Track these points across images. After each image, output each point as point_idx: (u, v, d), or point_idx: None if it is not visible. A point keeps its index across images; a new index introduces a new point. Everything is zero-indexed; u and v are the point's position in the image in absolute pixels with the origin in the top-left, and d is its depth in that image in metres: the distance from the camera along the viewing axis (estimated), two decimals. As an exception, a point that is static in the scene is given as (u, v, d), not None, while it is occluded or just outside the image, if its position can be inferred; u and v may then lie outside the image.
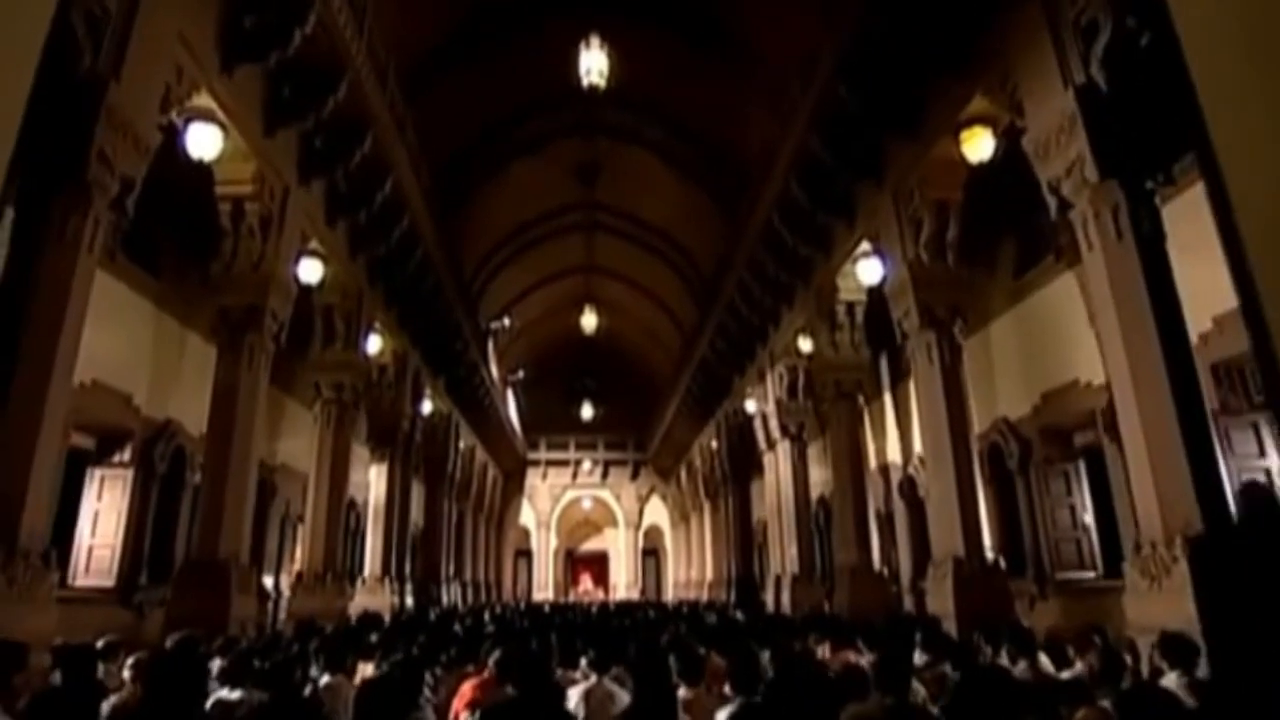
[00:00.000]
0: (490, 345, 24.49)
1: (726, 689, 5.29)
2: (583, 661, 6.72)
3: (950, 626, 8.42)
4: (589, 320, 23.86)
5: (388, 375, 16.24)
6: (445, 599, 20.51)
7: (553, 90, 18.13)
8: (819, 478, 17.42)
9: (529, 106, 18.68)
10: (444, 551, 21.40)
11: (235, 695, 5.11)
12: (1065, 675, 5.60)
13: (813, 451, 17.28)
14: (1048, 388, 11.83)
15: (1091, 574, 11.31)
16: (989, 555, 9.09)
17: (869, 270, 12.05)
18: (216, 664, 6.15)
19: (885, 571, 13.36)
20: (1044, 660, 6.15)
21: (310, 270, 11.75)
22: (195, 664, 5.38)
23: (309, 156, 10.52)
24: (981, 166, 9.14)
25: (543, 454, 37.81)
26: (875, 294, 13.11)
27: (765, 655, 5.88)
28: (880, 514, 17.14)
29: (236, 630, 8.45)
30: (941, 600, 8.95)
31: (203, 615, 8.19)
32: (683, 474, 31.98)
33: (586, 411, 36.14)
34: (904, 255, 10.14)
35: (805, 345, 15.18)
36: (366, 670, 6.61)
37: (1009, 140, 8.80)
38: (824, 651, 6.88)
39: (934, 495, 9.66)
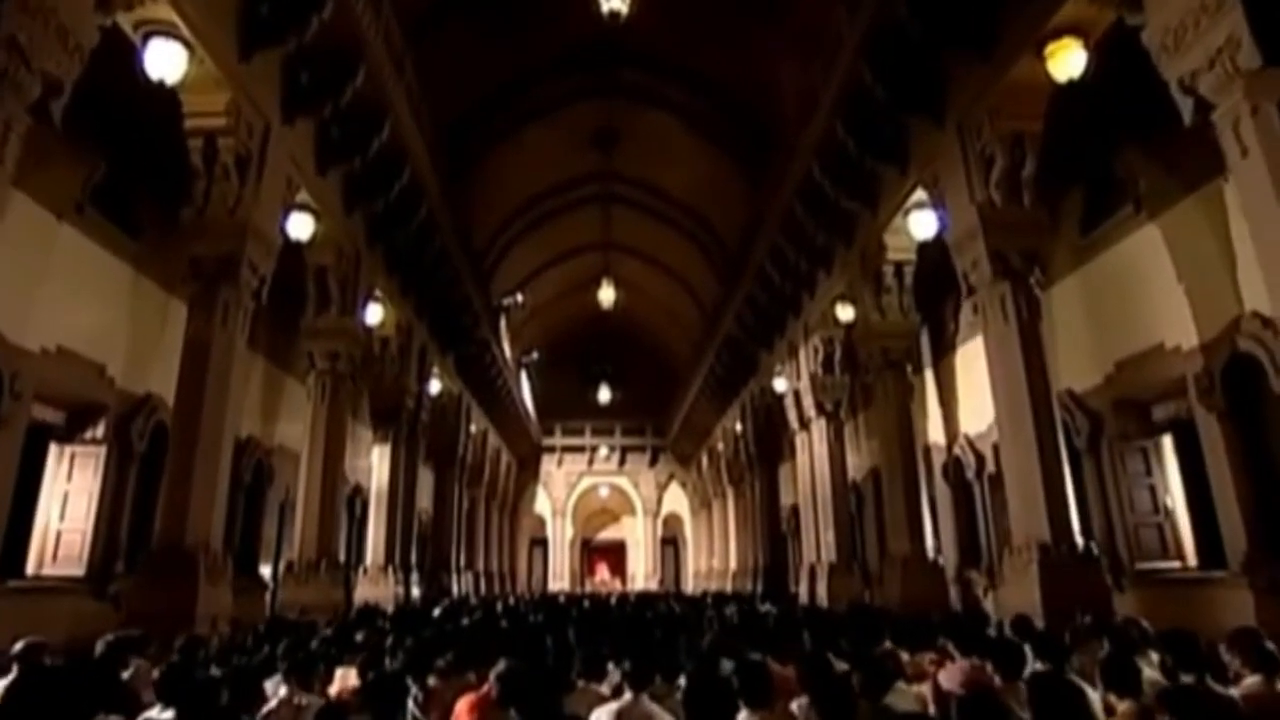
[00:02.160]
0: (503, 323, 23.29)
1: (795, 707, 4.10)
2: (610, 668, 5.55)
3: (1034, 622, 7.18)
4: (606, 294, 22.60)
5: (390, 349, 15.08)
6: (456, 589, 19.40)
7: (568, 47, 16.93)
8: (854, 460, 16.19)
9: (542, 65, 17.39)
10: (454, 540, 20.28)
11: (167, 716, 3.93)
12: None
13: (848, 431, 16.03)
14: (1122, 355, 10.47)
15: (1176, 564, 10.00)
16: (1079, 540, 7.78)
17: (922, 223, 10.79)
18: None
19: (940, 561, 12.10)
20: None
21: (300, 225, 10.59)
22: (107, 676, 4.23)
23: (293, 91, 9.32)
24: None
25: (558, 439, 36.64)
26: (925, 253, 11.90)
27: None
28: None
29: (205, 628, 7.30)
30: (1021, 592, 7.68)
31: (165, 611, 7.07)
32: (704, 460, 30.75)
33: (603, 395, 34.85)
34: (972, 198, 8.85)
35: (844, 314, 13.89)
36: (349, 678, 5.45)
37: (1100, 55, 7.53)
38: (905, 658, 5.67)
39: (1012, 472, 8.37)
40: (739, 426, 23.02)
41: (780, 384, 17.65)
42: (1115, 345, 10.54)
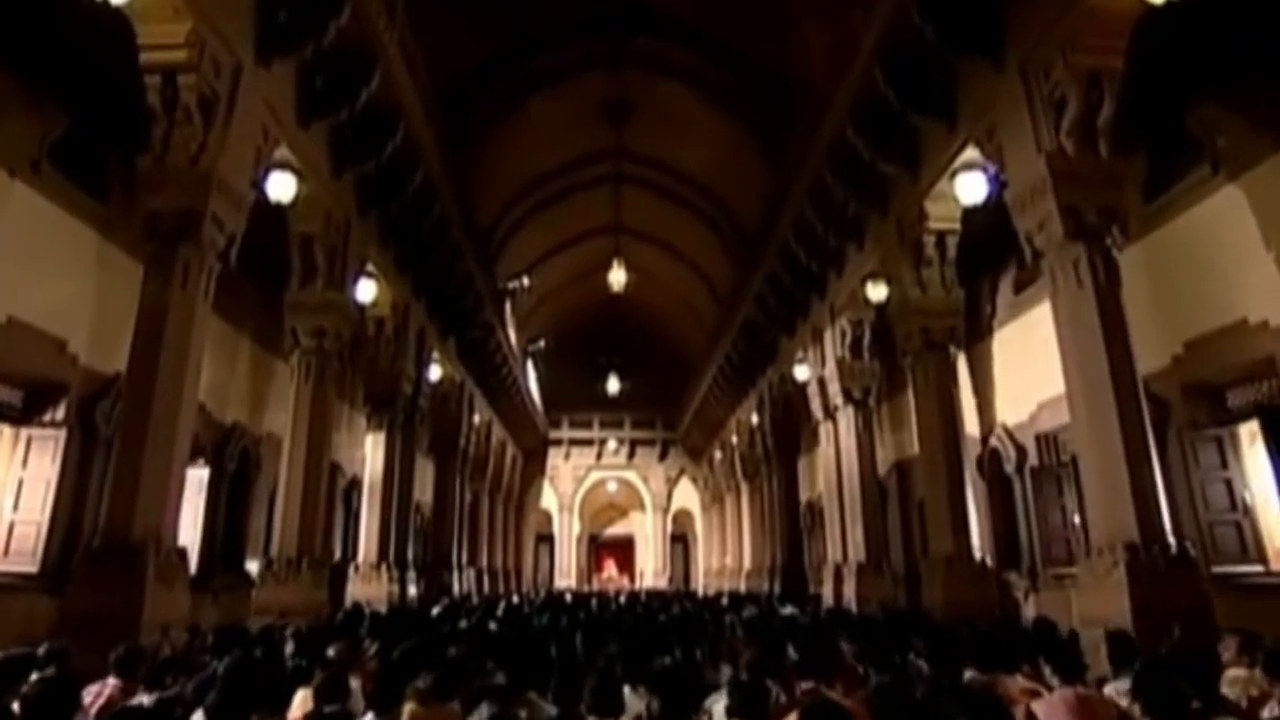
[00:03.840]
0: (508, 307, 22.22)
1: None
2: (627, 695, 4.51)
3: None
4: (617, 276, 21.45)
5: (385, 331, 14.05)
6: (457, 588, 18.38)
7: (576, 9, 15.85)
8: (880, 453, 15.09)
9: (549, 29, 16.29)
10: (456, 536, 19.23)
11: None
12: None
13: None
14: (1193, 335, 9.35)
15: (1259, 567, 8.91)
16: (1171, 541, 6.66)
17: (970, 186, 9.69)
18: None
19: (988, 561, 10.98)
20: None
21: (281, 186, 9.52)
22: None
23: (268, 28, 8.26)
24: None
25: (565, 432, 35.55)
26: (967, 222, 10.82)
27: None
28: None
29: (154, 636, 6.27)
30: (1105, 600, 6.58)
31: (106, 616, 6.05)
32: (716, 453, 29.67)
33: (612, 386, 33.65)
34: (1039, 148, 7.73)
35: (875, 293, 12.77)
36: (309, 703, 4.40)
37: None
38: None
39: (1090, 463, 7.24)
40: (755, 418, 21.92)
41: (802, 371, 16.55)
42: (1185, 323, 9.42)
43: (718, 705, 4.98)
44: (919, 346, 10.92)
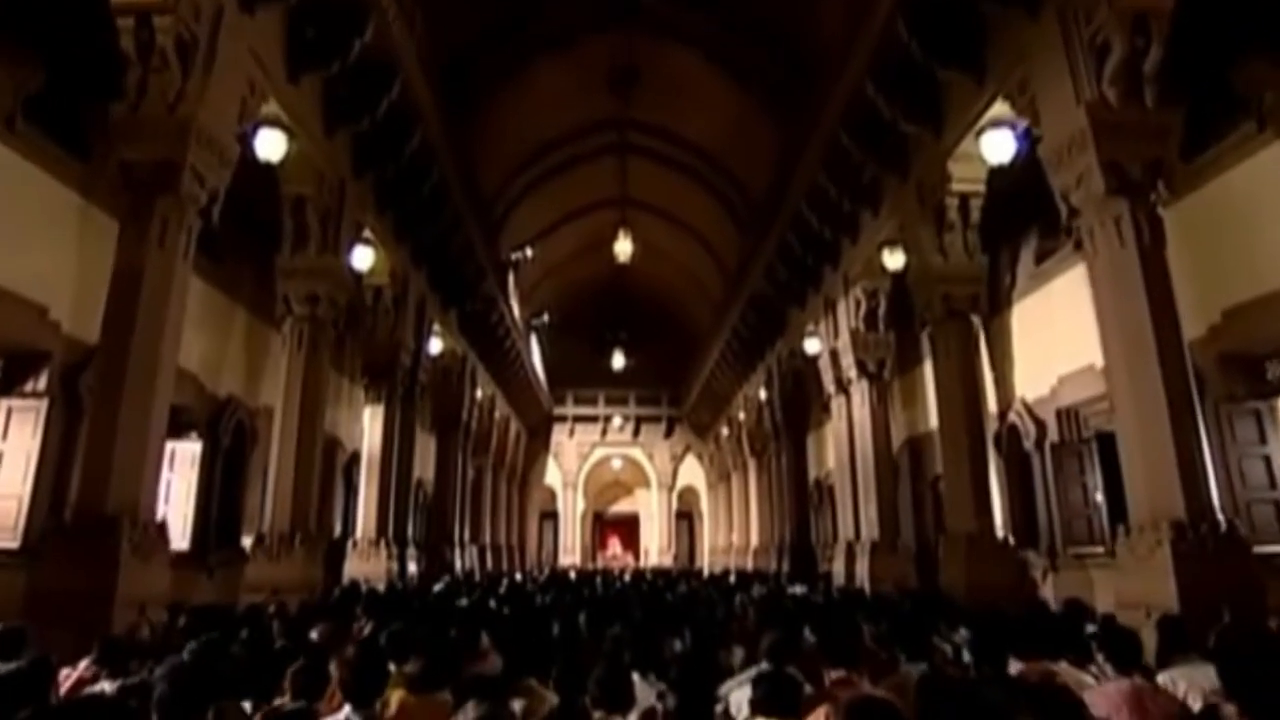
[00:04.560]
0: (511, 280, 21.71)
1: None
2: (636, 682, 4.10)
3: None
4: (623, 247, 20.91)
5: (384, 300, 13.57)
6: (459, 565, 18.03)
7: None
8: (894, 430, 14.62)
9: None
10: (458, 512, 18.85)
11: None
12: None
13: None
14: (1231, 303, 8.81)
15: (1296, 548, 8.43)
16: (1220, 518, 6.20)
17: (997, 144, 9.16)
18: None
19: (1011, 540, 10.55)
20: None
21: (270, 144, 9.03)
22: None
23: (252, -30, 7.73)
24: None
25: (569, 409, 35.14)
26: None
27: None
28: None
29: (129, 615, 5.87)
30: (1148, 582, 6.13)
31: (78, 594, 5.64)
32: (723, 430, 29.23)
33: (617, 362, 33.15)
34: (1079, 98, 7.18)
35: (892, 261, 12.28)
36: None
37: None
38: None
39: (1131, 434, 6.75)
40: (763, 393, 21.44)
41: (813, 345, 16.04)
42: (1223, 291, 8.87)
43: (735, 694, 4.56)
44: (940, 315, 10.42)
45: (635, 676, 4.52)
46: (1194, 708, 4.02)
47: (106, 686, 4.12)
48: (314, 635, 5.10)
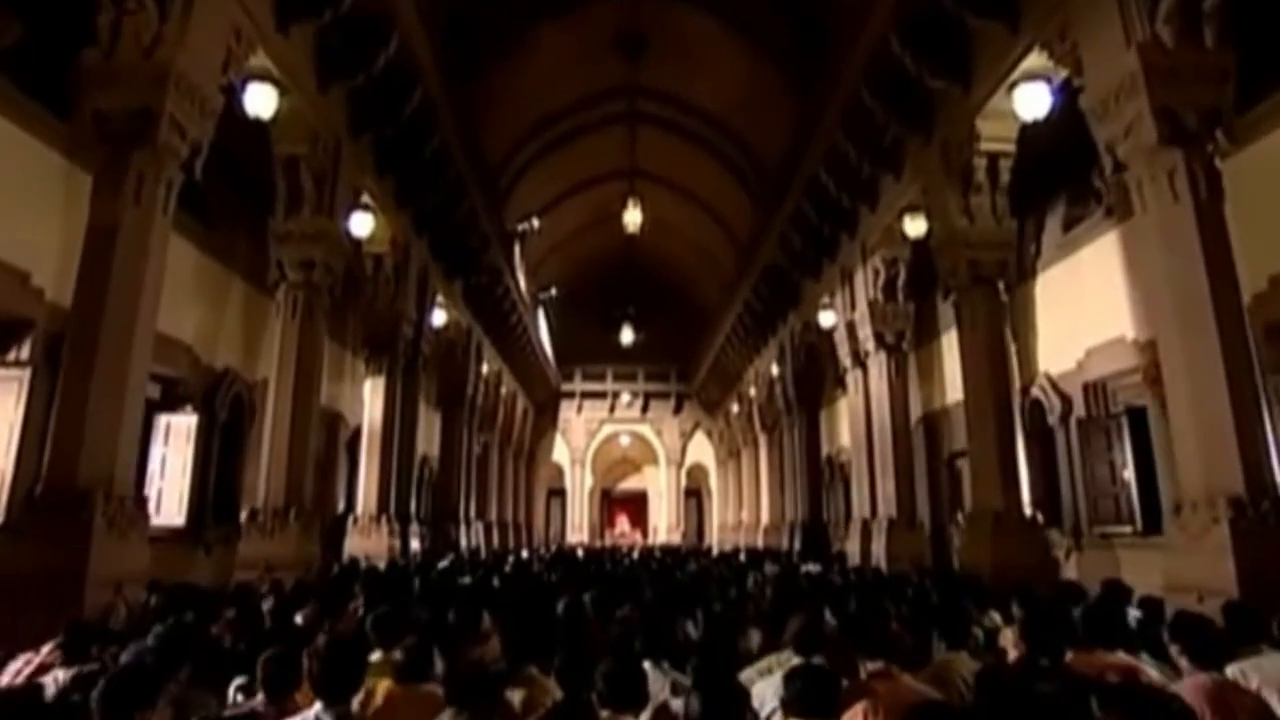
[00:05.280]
0: (517, 251, 21.18)
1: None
2: (648, 672, 3.67)
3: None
4: (633, 216, 20.33)
5: (384, 269, 13.10)
6: (465, 542, 17.67)
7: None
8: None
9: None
10: (463, 489, 18.46)
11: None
12: None
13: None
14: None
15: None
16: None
17: (1031, 98, 8.60)
18: None
19: (1039, 518, 10.08)
20: None
21: (260, 98, 8.56)
22: None
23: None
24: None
25: (577, 385, 34.67)
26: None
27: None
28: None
29: (104, 596, 5.47)
30: (1202, 563, 5.67)
31: (49, 572, 5.23)
32: (733, 407, 28.77)
33: (626, 337, 32.60)
34: (1128, 40, 6.62)
35: (914, 228, 11.75)
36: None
37: None
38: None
39: (1183, 402, 6.23)
40: (775, 369, 20.94)
41: (828, 317, 15.54)
42: (1270, 256, 8.28)
43: (758, 685, 4.12)
44: (965, 282, 9.88)
45: (646, 665, 4.10)
46: (1272, 705, 3.58)
47: (60, 675, 3.72)
48: (299, 619, 4.65)
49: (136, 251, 6.15)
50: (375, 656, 4.15)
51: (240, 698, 3.51)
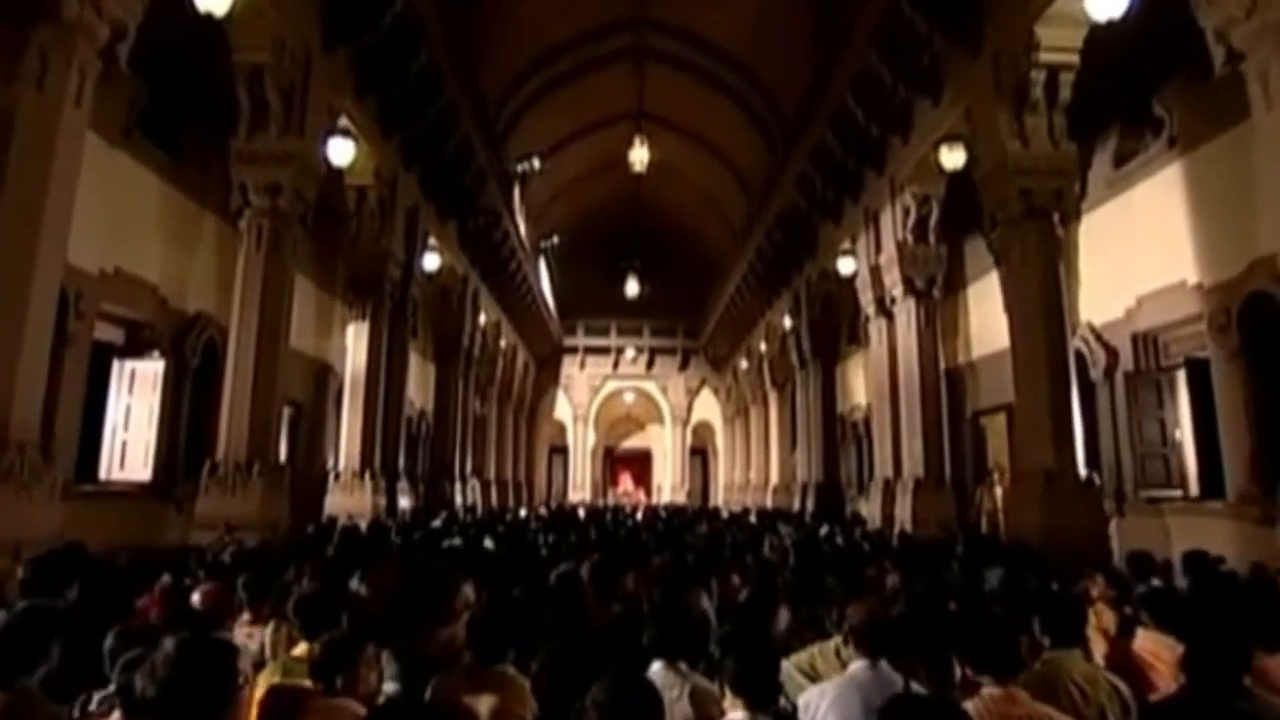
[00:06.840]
0: (517, 194, 19.97)
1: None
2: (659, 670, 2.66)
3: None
4: (639, 155, 19.14)
5: (369, 203, 11.97)
6: (460, 500, 16.78)
7: None
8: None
9: None
10: (458, 444, 17.52)
11: None
12: None
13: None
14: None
15: None
16: None
17: (1105, -2, 7.36)
18: None
19: (1096, 479, 9.07)
20: None
21: (210, -8, 7.36)
22: None
23: None
24: None
25: (580, 339, 33.62)
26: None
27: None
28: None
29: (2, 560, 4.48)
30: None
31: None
32: (741, 363, 27.74)
33: (631, 289, 31.37)
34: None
35: (952, 159, 10.55)
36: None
37: None
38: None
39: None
40: (788, 321, 19.85)
41: (847, 265, 14.42)
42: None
43: (810, 695, 3.14)
44: (1017, 214, 8.75)
45: (657, 666, 3.12)
46: None
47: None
48: (195, 599, 3.62)
49: (39, 145, 5.06)
50: (299, 650, 3.17)
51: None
